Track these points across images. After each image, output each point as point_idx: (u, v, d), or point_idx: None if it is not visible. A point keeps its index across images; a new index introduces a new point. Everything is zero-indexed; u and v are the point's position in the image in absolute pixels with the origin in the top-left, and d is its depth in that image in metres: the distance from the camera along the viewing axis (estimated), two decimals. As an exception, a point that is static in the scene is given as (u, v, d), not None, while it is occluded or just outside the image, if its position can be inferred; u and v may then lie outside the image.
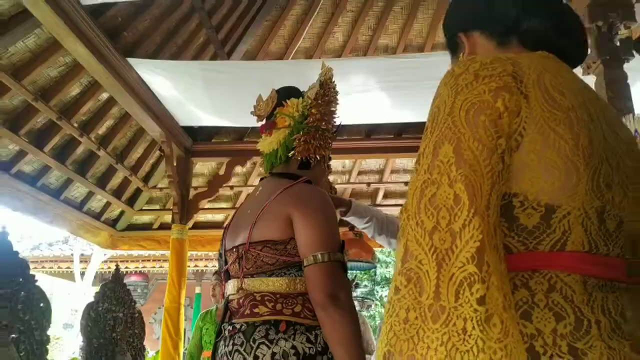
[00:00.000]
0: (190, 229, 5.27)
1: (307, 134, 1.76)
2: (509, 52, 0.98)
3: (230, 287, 1.72)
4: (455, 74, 0.86)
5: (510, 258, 0.81)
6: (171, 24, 4.12)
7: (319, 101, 1.79)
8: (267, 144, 1.82)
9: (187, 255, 5.09)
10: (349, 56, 4.97)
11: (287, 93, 1.85)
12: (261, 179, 1.92)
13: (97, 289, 11.23)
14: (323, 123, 1.79)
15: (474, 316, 0.69)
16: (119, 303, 3.22)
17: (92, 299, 3.26)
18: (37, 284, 2.63)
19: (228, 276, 1.77)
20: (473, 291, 0.71)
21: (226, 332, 1.66)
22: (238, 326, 1.61)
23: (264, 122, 1.88)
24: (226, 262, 1.78)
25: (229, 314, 1.71)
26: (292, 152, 1.77)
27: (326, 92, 1.81)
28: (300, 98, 1.82)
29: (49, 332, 2.64)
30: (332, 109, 1.84)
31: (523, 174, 0.82)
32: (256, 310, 1.60)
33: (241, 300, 1.64)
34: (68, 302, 19.22)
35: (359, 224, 2.67)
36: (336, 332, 1.49)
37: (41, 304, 2.59)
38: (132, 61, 3.76)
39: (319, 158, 1.83)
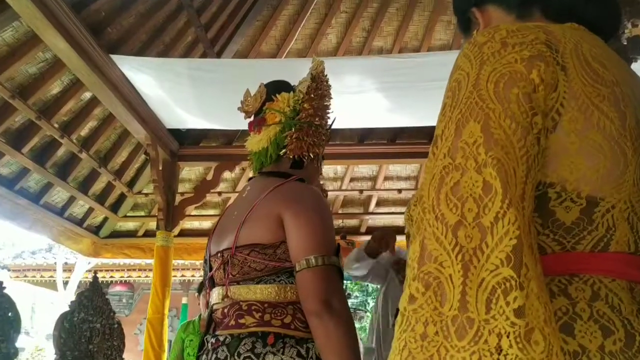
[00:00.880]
0: (176, 236, 5.10)
1: (299, 130, 1.64)
2: None
3: (215, 295, 1.58)
4: (478, 42, 0.72)
5: (544, 260, 0.66)
6: (158, 20, 3.96)
7: (312, 95, 1.67)
8: (256, 142, 1.69)
9: (171, 264, 4.90)
10: (343, 56, 4.85)
11: (276, 87, 1.72)
12: (249, 179, 1.79)
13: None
14: (317, 119, 1.68)
15: (510, 331, 0.57)
16: (97, 313, 3.02)
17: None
18: (5, 291, 2.43)
19: (213, 284, 1.63)
20: (509, 300, 0.57)
21: (209, 345, 1.52)
22: (222, 338, 1.47)
23: (252, 118, 1.75)
24: (211, 269, 1.65)
25: (212, 325, 1.57)
26: (283, 151, 1.65)
27: (319, 85, 1.70)
28: (292, 92, 1.70)
29: (19, 344, 2.47)
30: (326, 103, 1.72)
31: (561, 160, 0.69)
32: (242, 320, 1.45)
33: (226, 310, 1.51)
34: (51, 312, 18.91)
35: None
36: (331, 342, 1.36)
37: (9, 314, 2.39)
38: (115, 58, 3.59)
39: (312, 156, 1.70)
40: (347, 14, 4.83)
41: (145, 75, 3.83)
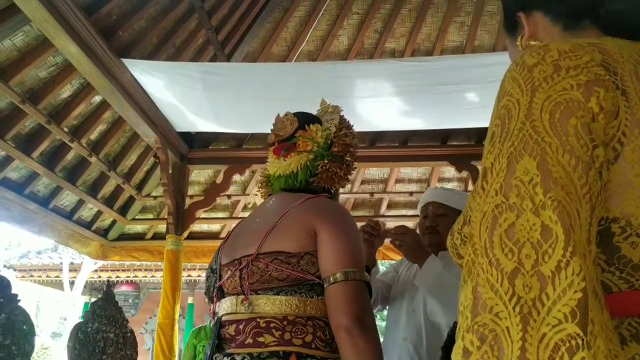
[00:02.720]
0: (184, 239, 5.04)
1: (332, 162, 1.67)
2: (579, 38, 0.78)
3: (227, 305, 1.52)
4: (527, 64, 0.66)
5: (609, 299, 0.61)
6: (169, 23, 3.90)
7: (347, 131, 1.74)
8: (284, 165, 1.68)
9: (182, 268, 4.85)
10: (354, 60, 4.79)
11: (307, 118, 1.76)
12: (269, 195, 1.78)
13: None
14: (347, 155, 1.72)
15: None
16: (110, 322, 2.97)
17: (80, 317, 3.03)
18: (20, 304, 2.38)
19: (222, 294, 1.57)
20: None
21: None
22: (239, 358, 1.41)
23: (276, 144, 1.76)
24: (220, 278, 1.60)
25: (217, 342, 1.49)
26: (313, 178, 1.66)
27: (349, 124, 1.78)
28: (322, 125, 1.74)
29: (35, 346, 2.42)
30: (356, 142, 1.77)
31: (625, 193, 0.63)
32: (261, 339, 1.40)
33: (241, 327, 1.44)
34: (57, 310, 18.93)
35: None
36: (360, 359, 1.33)
37: (24, 327, 2.35)
38: (127, 62, 3.54)
39: (338, 189, 1.76)
40: (359, 15, 4.76)
41: (156, 79, 3.78)
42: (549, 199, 0.57)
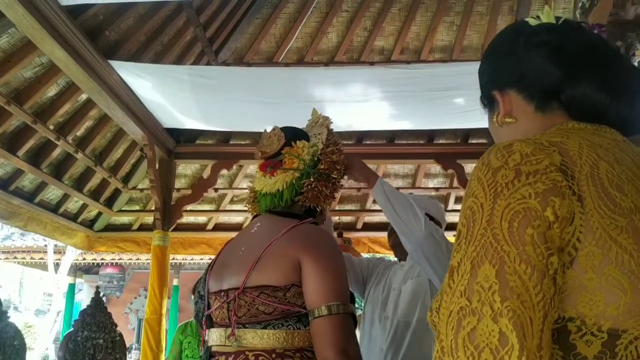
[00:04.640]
0: (171, 230, 5.04)
1: (318, 180, 1.65)
2: (550, 119, 0.84)
3: (215, 337, 1.54)
4: (492, 166, 0.70)
5: None
6: (157, 21, 3.85)
7: (332, 148, 1.70)
8: (271, 184, 1.67)
9: (169, 263, 4.87)
10: (342, 58, 4.77)
11: (295, 134, 1.73)
12: (255, 216, 1.76)
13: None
14: (334, 172, 1.70)
15: None
16: (100, 329, 3.01)
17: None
18: (10, 320, 2.40)
19: (210, 323, 1.59)
20: None
21: None
22: None
23: (262, 160, 1.74)
24: (209, 306, 1.61)
25: None
26: (298, 197, 1.65)
27: (336, 140, 1.75)
28: (309, 142, 1.72)
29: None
30: (343, 158, 1.75)
31: (579, 296, 0.67)
32: None
33: (230, 359, 1.47)
34: (40, 287, 18.85)
35: None
36: None
37: (15, 342, 2.37)
38: (114, 64, 3.50)
39: (325, 207, 1.74)
40: (348, 13, 4.71)
41: (143, 80, 3.75)
42: (505, 308, 0.62)
